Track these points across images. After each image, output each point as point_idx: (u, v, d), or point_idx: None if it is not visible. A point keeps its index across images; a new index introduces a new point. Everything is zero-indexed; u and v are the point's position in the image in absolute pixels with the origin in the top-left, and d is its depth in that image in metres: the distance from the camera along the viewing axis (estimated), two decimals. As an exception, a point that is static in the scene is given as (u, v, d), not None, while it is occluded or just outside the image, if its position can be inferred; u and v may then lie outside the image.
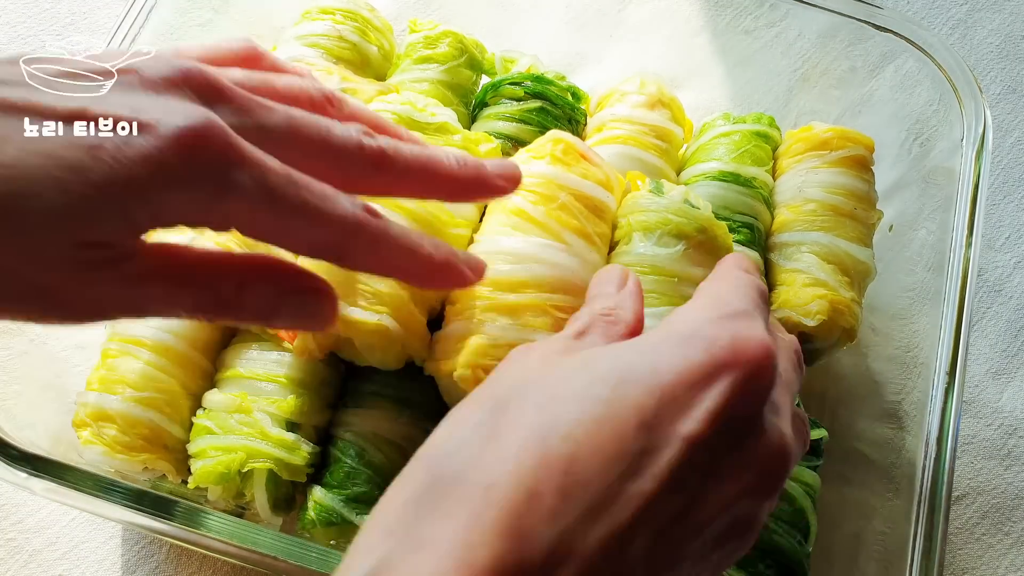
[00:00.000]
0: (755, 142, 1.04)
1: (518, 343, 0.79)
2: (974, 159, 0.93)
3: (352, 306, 0.79)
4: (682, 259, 0.84)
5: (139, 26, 0.96)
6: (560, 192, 0.84)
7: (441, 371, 0.80)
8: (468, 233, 0.87)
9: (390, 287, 0.80)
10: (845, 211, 0.97)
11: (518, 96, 1.04)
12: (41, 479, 0.76)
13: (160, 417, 0.87)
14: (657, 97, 1.06)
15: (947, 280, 0.89)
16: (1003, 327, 1.13)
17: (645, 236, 0.85)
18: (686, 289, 0.83)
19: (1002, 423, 1.08)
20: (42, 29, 1.23)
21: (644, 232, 0.85)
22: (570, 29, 1.23)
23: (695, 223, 0.85)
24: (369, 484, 0.84)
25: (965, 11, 1.33)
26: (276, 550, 0.75)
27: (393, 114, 0.87)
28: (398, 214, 0.82)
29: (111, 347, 0.89)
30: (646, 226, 0.85)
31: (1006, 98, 1.27)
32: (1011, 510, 1.03)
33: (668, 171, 1.03)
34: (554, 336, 0.59)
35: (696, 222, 0.85)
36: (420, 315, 0.81)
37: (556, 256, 0.82)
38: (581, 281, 0.82)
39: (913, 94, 1.02)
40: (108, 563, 0.96)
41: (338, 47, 1.06)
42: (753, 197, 1.00)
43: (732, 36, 1.17)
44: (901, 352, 0.94)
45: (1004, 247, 1.18)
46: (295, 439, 0.85)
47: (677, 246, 0.84)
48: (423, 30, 1.10)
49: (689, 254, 0.84)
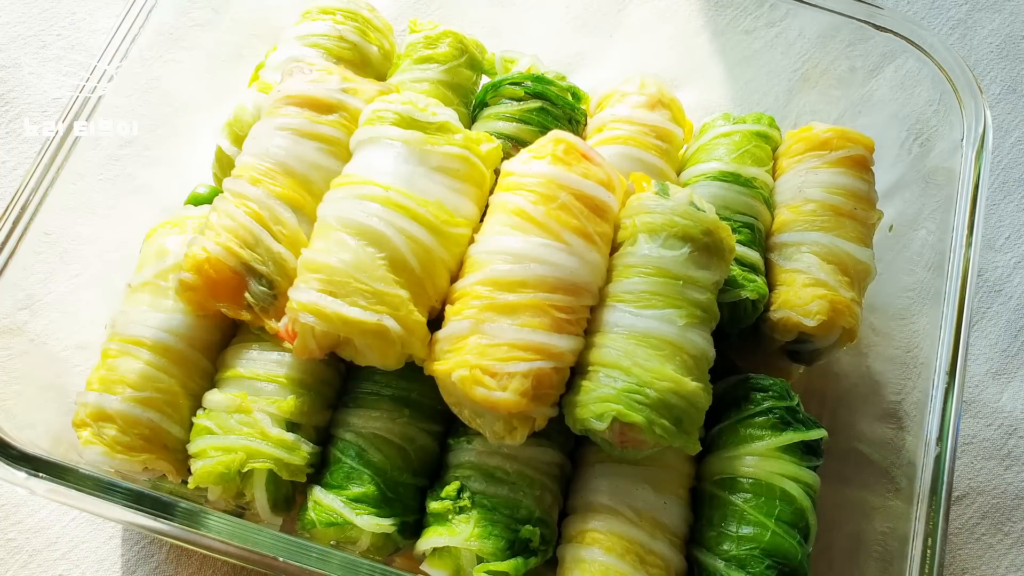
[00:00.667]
0: (755, 142, 1.04)
1: (517, 343, 0.80)
2: (974, 159, 0.93)
3: (352, 306, 0.79)
4: (687, 262, 0.84)
5: (139, 26, 0.96)
6: (561, 192, 0.84)
7: (440, 372, 0.80)
8: (468, 232, 0.87)
9: (389, 287, 0.80)
10: (845, 211, 0.97)
11: (518, 96, 1.04)
12: (41, 479, 0.76)
13: (160, 417, 0.87)
14: (657, 98, 1.06)
15: (947, 280, 0.89)
16: (1003, 327, 1.13)
17: (651, 238, 0.85)
18: (690, 292, 0.83)
19: (1002, 423, 1.08)
20: (42, 29, 1.23)
21: (650, 233, 0.85)
22: (570, 29, 1.23)
23: (701, 225, 0.85)
24: (369, 484, 0.84)
25: (965, 11, 1.33)
26: (276, 550, 0.75)
27: (395, 114, 0.87)
28: (398, 213, 0.82)
29: (111, 347, 0.89)
30: (652, 227, 0.85)
31: (1006, 98, 1.28)
32: (1011, 510, 1.03)
33: (668, 171, 1.03)
34: None
35: (702, 224, 0.85)
36: (420, 315, 0.81)
37: (556, 256, 0.82)
38: (581, 281, 0.83)
39: (913, 94, 1.02)
40: (108, 563, 0.96)
41: (338, 47, 1.06)
42: (753, 197, 1.00)
43: (732, 36, 1.17)
44: (901, 352, 0.94)
45: (1004, 247, 1.18)
46: (295, 439, 0.85)
47: (683, 248, 0.84)
48: (423, 30, 1.10)
49: (694, 257, 0.84)
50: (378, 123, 0.87)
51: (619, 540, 0.81)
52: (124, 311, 0.90)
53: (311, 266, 0.81)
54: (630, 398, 0.78)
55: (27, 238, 0.86)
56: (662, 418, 0.78)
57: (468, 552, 0.81)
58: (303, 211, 0.88)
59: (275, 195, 0.87)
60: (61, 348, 0.92)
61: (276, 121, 0.90)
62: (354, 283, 0.79)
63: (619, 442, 0.81)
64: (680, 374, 0.79)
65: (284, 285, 0.85)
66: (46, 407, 0.89)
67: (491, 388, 0.77)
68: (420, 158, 0.85)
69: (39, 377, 0.90)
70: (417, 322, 0.81)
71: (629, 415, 0.77)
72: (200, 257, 0.84)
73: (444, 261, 0.84)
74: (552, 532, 0.85)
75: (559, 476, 0.88)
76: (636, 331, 0.81)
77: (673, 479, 0.86)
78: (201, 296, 0.85)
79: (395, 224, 0.81)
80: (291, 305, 0.81)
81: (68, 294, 0.92)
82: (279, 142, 0.89)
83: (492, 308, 0.80)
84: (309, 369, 0.89)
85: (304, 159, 0.89)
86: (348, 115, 0.91)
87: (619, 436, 0.80)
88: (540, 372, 0.78)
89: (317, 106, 0.91)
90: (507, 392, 0.77)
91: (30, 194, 0.87)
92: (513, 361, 0.77)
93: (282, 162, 0.89)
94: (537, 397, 0.78)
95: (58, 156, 0.89)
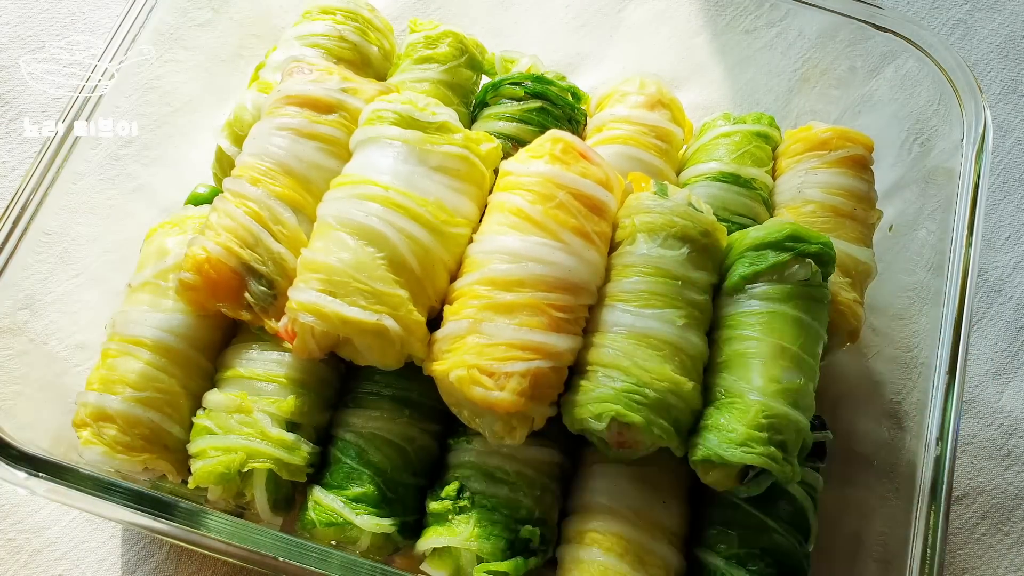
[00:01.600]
0: (755, 143, 1.04)
1: (515, 343, 0.80)
2: (974, 159, 0.93)
3: (351, 306, 0.79)
4: (686, 262, 0.84)
5: (139, 26, 0.96)
6: (558, 191, 0.84)
7: (438, 372, 0.80)
8: (468, 232, 0.87)
9: (389, 286, 0.80)
10: (845, 212, 0.97)
11: (518, 96, 1.04)
12: (41, 479, 0.76)
13: (160, 417, 0.87)
14: (657, 97, 1.06)
15: (947, 280, 0.88)
16: (1003, 327, 1.13)
17: (650, 237, 0.85)
18: (688, 293, 0.83)
19: (1002, 423, 1.08)
20: (42, 30, 1.23)
21: (649, 233, 0.85)
22: (570, 29, 1.23)
23: (700, 226, 0.85)
24: (369, 484, 0.84)
25: (965, 11, 1.33)
26: (276, 550, 0.75)
27: (394, 113, 0.87)
28: (398, 213, 0.82)
29: (111, 347, 0.89)
30: (651, 227, 0.85)
31: (1006, 98, 1.27)
32: (1011, 510, 1.03)
33: (668, 171, 1.03)
34: None
35: (701, 225, 0.85)
36: (419, 315, 0.81)
37: (553, 255, 0.82)
38: (579, 280, 0.82)
39: (913, 94, 1.02)
40: (108, 563, 0.96)
41: (338, 47, 1.06)
42: (753, 199, 1.00)
43: (732, 36, 1.17)
44: (901, 352, 0.94)
45: (1004, 247, 1.18)
46: (295, 439, 0.85)
47: (682, 249, 0.84)
48: (423, 30, 1.10)
49: (692, 257, 0.84)
50: (378, 123, 0.87)
51: (618, 540, 0.81)
52: (124, 311, 0.90)
53: (311, 266, 0.81)
54: (629, 398, 0.78)
55: (27, 238, 0.86)
56: (660, 418, 0.78)
57: (468, 552, 0.81)
58: (303, 211, 0.88)
59: (275, 195, 0.87)
60: (61, 348, 0.92)
61: (276, 121, 0.90)
62: (353, 283, 0.79)
63: (616, 443, 0.81)
64: (679, 374, 0.79)
65: (284, 285, 0.85)
66: (46, 407, 0.89)
67: (489, 388, 0.77)
68: (420, 157, 0.85)
69: (39, 377, 0.90)
70: (416, 322, 0.81)
71: (628, 415, 0.77)
72: (200, 257, 0.84)
73: (443, 261, 0.84)
74: (552, 532, 0.85)
75: (559, 476, 0.88)
76: (636, 331, 0.81)
77: (672, 478, 0.86)
78: (201, 296, 0.85)
79: (394, 224, 0.81)
80: (291, 305, 0.81)
81: (68, 294, 0.92)
82: (279, 142, 0.89)
83: (490, 308, 0.80)
84: (309, 369, 0.89)
85: (304, 159, 0.89)
86: (348, 115, 0.91)
87: (617, 436, 0.80)
88: (538, 371, 0.78)
89: (317, 106, 0.91)
90: (504, 392, 0.76)
91: (30, 194, 0.87)
92: (511, 361, 0.77)
93: (282, 162, 0.89)
94: (535, 397, 0.78)
95: (58, 156, 0.89)
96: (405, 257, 0.81)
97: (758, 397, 0.78)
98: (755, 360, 0.80)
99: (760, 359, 0.80)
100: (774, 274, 0.84)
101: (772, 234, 0.85)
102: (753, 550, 0.82)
